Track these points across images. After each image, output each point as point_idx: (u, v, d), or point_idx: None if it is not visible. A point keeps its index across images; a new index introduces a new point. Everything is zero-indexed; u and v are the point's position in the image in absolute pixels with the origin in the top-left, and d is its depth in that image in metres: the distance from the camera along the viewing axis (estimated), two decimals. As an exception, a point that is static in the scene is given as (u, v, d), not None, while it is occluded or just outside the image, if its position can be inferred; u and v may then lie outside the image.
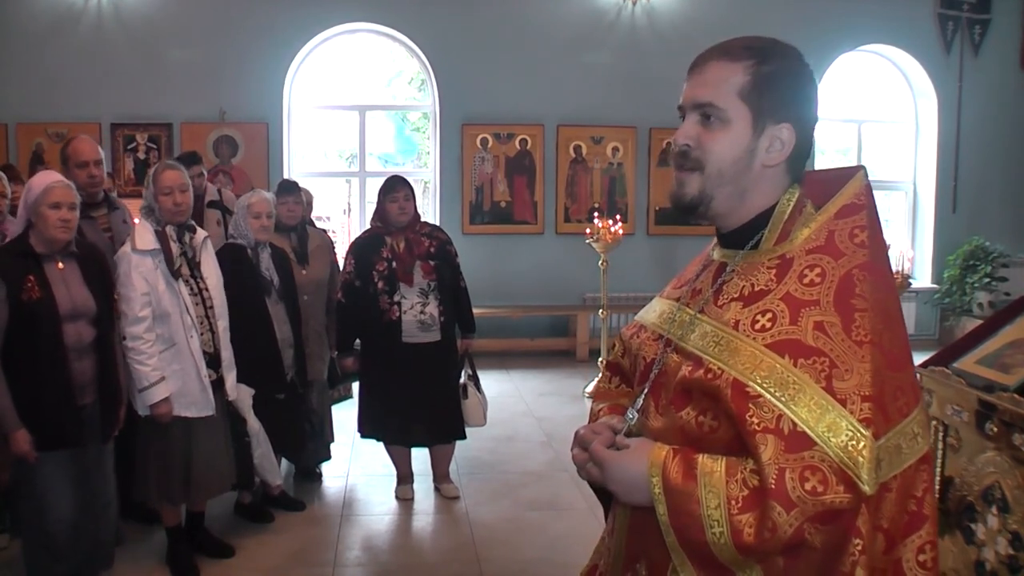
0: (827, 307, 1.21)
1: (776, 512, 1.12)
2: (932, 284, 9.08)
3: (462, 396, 4.59)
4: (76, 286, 3.18)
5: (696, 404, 1.26)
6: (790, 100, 1.30)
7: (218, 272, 3.72)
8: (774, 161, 1.31)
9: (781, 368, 1.18)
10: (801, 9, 8.44)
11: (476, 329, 4.74)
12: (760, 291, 1.27)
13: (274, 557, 3.91)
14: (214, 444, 3.65)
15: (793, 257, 1.28)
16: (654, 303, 1.52)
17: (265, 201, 4.19)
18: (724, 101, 1.29)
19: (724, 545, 1.17)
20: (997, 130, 8.98)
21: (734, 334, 1.25)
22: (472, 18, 8.32)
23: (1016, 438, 2.23)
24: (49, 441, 3.09)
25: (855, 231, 1.27)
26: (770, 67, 1.28)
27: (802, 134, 1.31)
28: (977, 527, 2.38)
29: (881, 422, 1.16)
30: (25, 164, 7.76)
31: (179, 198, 3.54)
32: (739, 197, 1.32)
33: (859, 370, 1.17)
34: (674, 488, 1.21)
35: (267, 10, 8.06)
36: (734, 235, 1.36)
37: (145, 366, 3.42)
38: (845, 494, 1.12)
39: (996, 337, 2.53)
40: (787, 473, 1.13)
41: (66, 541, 3.17)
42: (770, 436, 1.15)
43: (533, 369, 7.79)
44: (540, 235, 8.59)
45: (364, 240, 4.51)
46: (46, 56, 7.88)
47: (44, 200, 3.08)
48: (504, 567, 3.87)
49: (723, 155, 1.30)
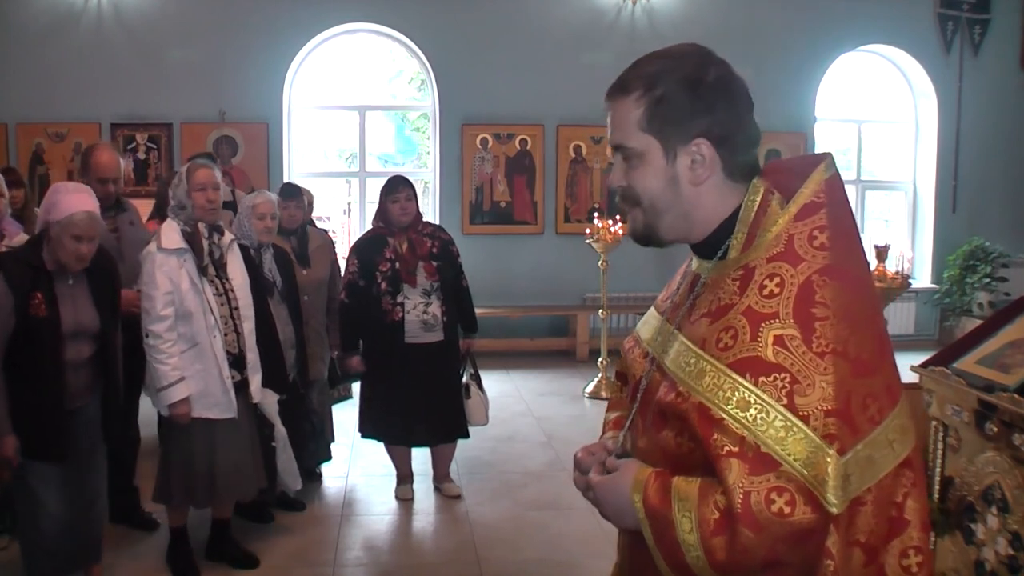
0: (786, 319, 1.16)
1: (745, 536, 1.11)
2: (932, 284, 9.08)
3: (464, 395, 4.59)
4: (83, 305, 3.15)
5: (672, 426, 1.24)
6: (694, 114, 1.25)
7: (244, 273, 3.69)
8: (702, 179, 1.28)
9: (743, 388, 1.15)
10: (801, 9, 8.45)
11: (478, 328, 4.74)
12: (725, 305, 1.24)
13: (274, 557, 3.91)
14: (239, 447, 3.61)
15: (755, 267, 1.23)
16: (648, 315, 1.50)
17: (270, 202, 4.20)
18: (631, 139, 1.28)
19: (703, 568, 1.15)
20: (997, 130, 8.98)
21: (700, 354, 1.23)
22: (472, 18, 8.32)
23: (1016, 438, 2.23)
24: (37, 451, 3.07)
25: (815, 233, 1.21)
26: (659, 91, 1.25)
27: (724, 139, 1.27)
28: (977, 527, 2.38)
29: (847, 436, 1.13)
30: (25, 164, 7.77)
31: (212, 195, 3.53)
32: (684, 219, 1.31)
33: (821, 383, 1.13)
34: (653, 512, 1.20)
35: (267, 10, 8.06)
36: (704, 246, 1.33)
37: (165, 365, 3.40)
38: (812, 514, 1.10)
39: (996, 337, 2.53)
40: (752, 496, 1.10)
41: (58, 538, 3.16)
42: (734, 460, 1.13)
43: (533, 369, 7.79)
44: (540, 235, 8.59)
45: (366, 240, 4.51)
46: (46, 56, 7.88)
47: (66, 230, 3.01)
48: (504, 567, 3.87)
49: (649, 189, 1.29)
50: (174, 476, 3.59)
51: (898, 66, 9.21)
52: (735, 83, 1.28)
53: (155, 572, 3.71)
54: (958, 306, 8.71)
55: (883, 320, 1.26)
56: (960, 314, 8.66)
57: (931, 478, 2.57)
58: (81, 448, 3.22)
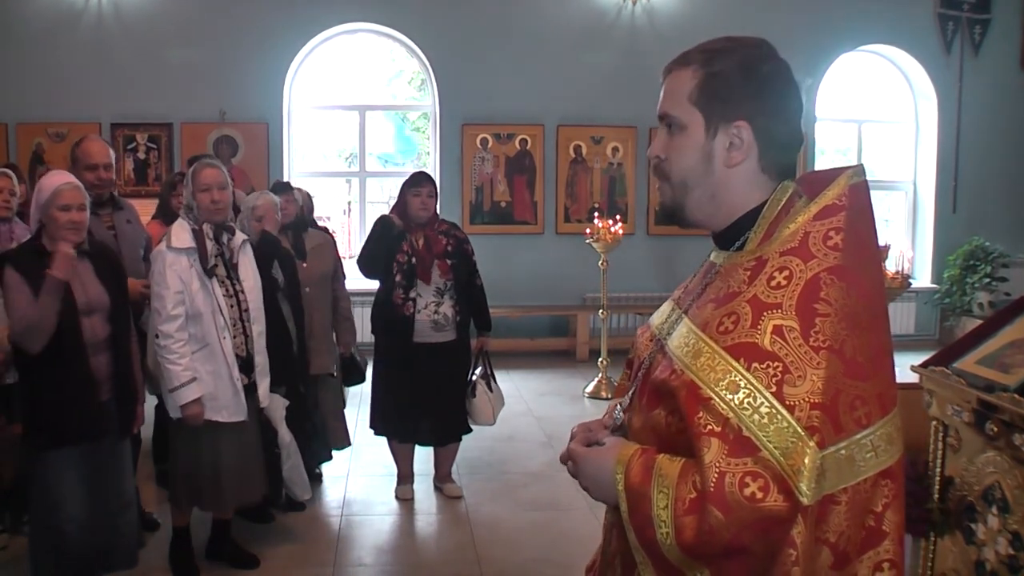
0: (788, 311, 1.18)
1: (713, 516, 1.11)
2: (932, 284, 9.08)
3: (469, 394, 4.58)
4: (90, 282, 3.18)
5: (665, 404, 1.26)
6: (743, 97, 1.28)
7: (256, 276, 3.67)
8: (735, 161, 1.30)
9: (735, 372, 1.17)
10: (801, 9, 8.45)
11: (492, 327, 4.73)
12: (732, 292, 1.26)
13: (274, 557, 3.91)
14: (245, 450, 3.60)
15: (768, 259, 1.25)
16: (664, 304, 1.52)
17: (269, 204, 4.21)
18: (678, 109, 1.31)
19: (671, 546, 1.16)
20: (997, 130, 8.98)
21: (700, 335, 1.25)
22: (472, 18, 8.32)
23: (1016, 438, 2.23)
24: (69, 436, 3.08)
25: (830, 233, 1.23)
26: (716, 67, 1.28)
27: (765, 130, 1.29)
28: (977, 527, 2.38)
29: (830, 431, 1.13)
30: (25, 164, 7.75)
31: (217, 195, 3.50)
32: (710, 201, 1.33)
33: (811, 376, 1.14)
34: (633, 487, 1.21)
35: (267, 10, 8.06)
36: (723, 236, 1.36)
37: (176, 365, 3.39)
38: (784, 503, 1.11)
39: (996, 337, 2.53)
40: (727, 477, 1.12)
41: (77, 540, 3.13)
42: (715, 439, 1.14)
43: (533, 369, 7.79)
44: (540, 235, 8.59)
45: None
46: (46, 56, 7.88)
47: (54, 203, 3.09)
48: (504, 567, 3.87)
49: (682, 162, 1.32)
50: (180, 479, 3.58)
51: (898, 66, 9.21)
52: (789, 82, 1.32)
53: (155, 571, 3.70)
54: (958, 306, 8.71)
55: (887, 332, 1.26)
56: (960, 314, 8.66)
57: (931, 478, 2.57)
58: (102, 446, 3.19)
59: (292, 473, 3.88)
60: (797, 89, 1.33)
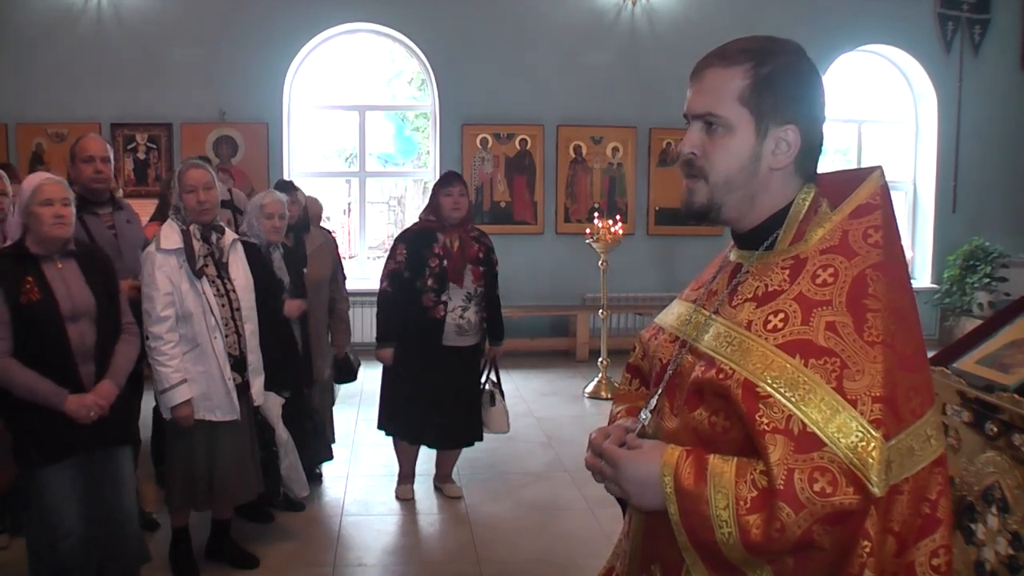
0: (839, 307, 1.20)
1: (784, 513, 1.12)
2: (932, 284, 9.08)
3: (488, 403, 4.55)
4: (76, 285, 3.08)
5: (708, 404, 1.26)
6: (792, 100, 1.28)
7: (247, 275, 3.65)
8: (781, 163, 1.30)
9: (792, 368, 1.18)
10: (801, 9, 8.44)
11: (504, 337, 4.66)
12: (773, 291, 1.27)
13: (274, 557, 3.90)
14: (239, 450, 3.59)
15: (807, 257, 1.27)
16: (673, 305, 1.51)
17: (278, 202, 4.22)
18: (724, 108, 1.28)
19: (733, 545, 1.16)
20: (997, 130, 8.98)
21: (746, 334, 1.25)
22: (472, 18, 8.32)
23: (1016, 438, 2.23)
24: (61, 450, 3.00)
25: (869, 231, 1.26)
26: (768, 68, 1.27)
27: (808, 132, 1.30)
28: (977, 527, 2.38)
29: (892, 423, 1.15)
30: (25, 164, 7.75)
31: (203, 196, 3.48)
32: (749, 201, 1.33)
33: (870, 371, 1.16)
34: (685, 488, 1.21)
35: (267, 10, 8.06)
36: (749, 236, 1.36)
37: (166, 367, 3.37)
38: (854, 496, 1.12)
39: (996, 337, 2.53)
40: (796, 474, 1.12)
41: (75, 556, 3.07)
42: (779, 436, 1.15)
43: (533, 369, 7.79)
44: (540, 235, 8.59)
45: (415, 232, 4.41)
46: (46, 56, 7.88)
47: (35, 199, 3.00)
48: (504, 567, 3.87)
49: (728, 163, 1.30)
50: (175, 479, 3.58)
51: (898, 66, 9.21)
52: (822, 84, 1.33)
53: (155, 571, 3.69)
54: (958, 306, 8.71)
55: (920, 325, 1.29)
56: (960, 314, 8.66)
57: (931, 478, 2.57)
58: (96, 458, 3.12)
59: (290, 471, 3.90)
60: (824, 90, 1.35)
